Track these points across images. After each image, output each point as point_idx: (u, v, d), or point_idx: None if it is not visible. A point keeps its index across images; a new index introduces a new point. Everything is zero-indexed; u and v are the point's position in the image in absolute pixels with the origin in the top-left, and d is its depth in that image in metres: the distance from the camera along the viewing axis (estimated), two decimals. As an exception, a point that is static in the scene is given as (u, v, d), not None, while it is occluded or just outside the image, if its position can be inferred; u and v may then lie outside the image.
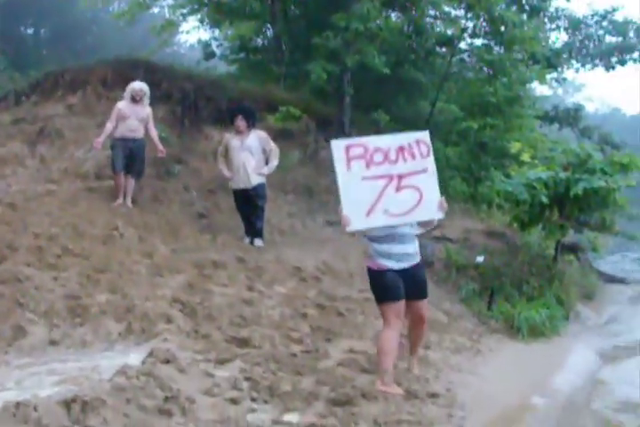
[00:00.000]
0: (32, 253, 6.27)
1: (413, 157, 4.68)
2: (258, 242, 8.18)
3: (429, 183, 4.71)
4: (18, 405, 2.78)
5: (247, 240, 8.20)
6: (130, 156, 8.48)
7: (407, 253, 4.73)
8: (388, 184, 4.59)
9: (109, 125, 8.52)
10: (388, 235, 4.67)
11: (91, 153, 9.55)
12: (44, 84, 11.51)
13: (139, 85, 8.72)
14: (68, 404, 3.04)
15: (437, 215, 4.76)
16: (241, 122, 8.15)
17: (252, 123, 8.27)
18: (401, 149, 4.67)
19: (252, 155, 8.15)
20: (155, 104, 9.24)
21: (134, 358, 4.20)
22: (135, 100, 8.60)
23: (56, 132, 10.19)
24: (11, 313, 4.78)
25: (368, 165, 4.63)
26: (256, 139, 8.21)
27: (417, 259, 4.81)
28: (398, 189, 4.61)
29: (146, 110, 8.67)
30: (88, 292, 5.50)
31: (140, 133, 8.60)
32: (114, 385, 3.46)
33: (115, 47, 24.76)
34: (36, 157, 9.81)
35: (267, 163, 8.28)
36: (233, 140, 8.21)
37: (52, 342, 4.62)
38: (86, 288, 5.58)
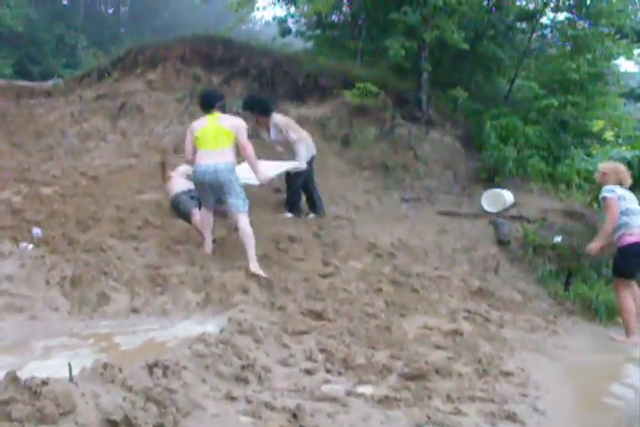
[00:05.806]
0: (114, 224, 6.51)
1: None
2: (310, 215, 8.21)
3: None
4: (105, 365, 2.89)
5: (311, 216, 8.14)
6: None
7: None
8: None
9: None
10: None
11: (169, 128, 9.76)
12: (124, 60, 11.79)
13: None
14: (150, 367, 3.15)
15: None
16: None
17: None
18: None
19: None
20: (232, 80, 9.31)
21: (212, 327, 4.30)
22: None
23: (136, 108, 10.47)
24: (95, 281, 4.98)
25: None
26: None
27: None
28: None
29: None
30: (167, 262, 5.66)
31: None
32: (193, 352, 3.56)
33: (191, 25, 25.11)
34: (117, 131, 10.11)
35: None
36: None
37: (134, 310, 4.80)
38: (166, 259, 5.75)
